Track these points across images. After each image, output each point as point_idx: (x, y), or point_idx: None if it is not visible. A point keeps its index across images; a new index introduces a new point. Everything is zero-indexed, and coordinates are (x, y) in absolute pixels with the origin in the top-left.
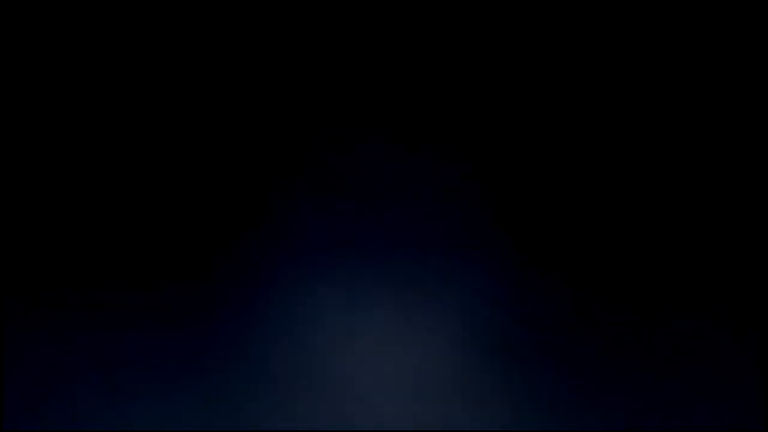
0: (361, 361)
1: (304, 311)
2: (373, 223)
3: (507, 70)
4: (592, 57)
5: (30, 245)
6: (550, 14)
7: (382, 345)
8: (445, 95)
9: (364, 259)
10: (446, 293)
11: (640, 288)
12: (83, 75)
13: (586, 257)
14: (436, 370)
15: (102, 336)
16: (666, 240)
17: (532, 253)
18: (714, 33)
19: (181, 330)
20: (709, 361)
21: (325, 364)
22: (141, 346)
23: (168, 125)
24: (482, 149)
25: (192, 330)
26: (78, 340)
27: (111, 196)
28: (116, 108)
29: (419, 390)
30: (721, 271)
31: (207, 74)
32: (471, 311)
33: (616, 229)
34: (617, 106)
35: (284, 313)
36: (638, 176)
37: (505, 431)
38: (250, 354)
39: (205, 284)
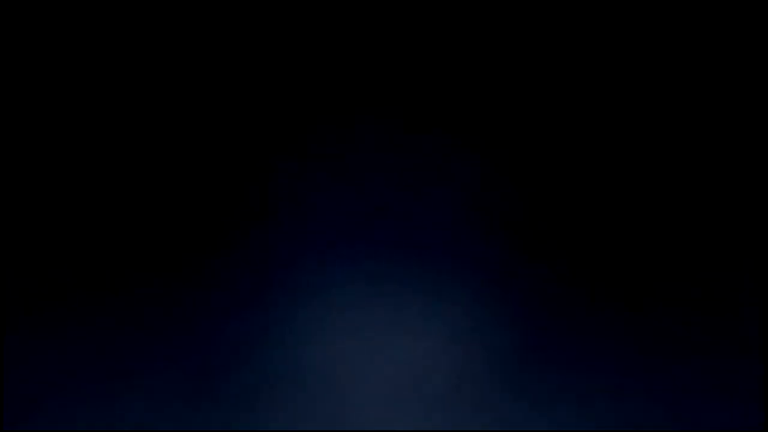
0: (360, 360)
1: (302, 310)
2: (375, 220)
3: (515, 67)
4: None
5: (30, 245)
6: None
7: (382, 344)
8: (452, 91)
9: (365, 257)
10: (447, 291)
11: (639, 289)
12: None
13: (585, 257)
14: (436, 369)
15: (102, 336)
16: (666, 240)
17: (532, 252)
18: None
19: (181, 329)
20: (708, 360)
21: (325, 363)
22: (141, 345)
23: (171, 120)
24: (484, 147)
25: (193, 329)
26: (78, 339)
27: (111, 194)
28: (118, 101)
29: (419, 389)
30: (721, 270)
31: (211, 68)
32: (472, 310)
33: (614, 229)
34: (622, 109)
35: (283, 312)
36: (637, 175)
37: (504, 431)
38: (251, 353)
39: (205, 283)
